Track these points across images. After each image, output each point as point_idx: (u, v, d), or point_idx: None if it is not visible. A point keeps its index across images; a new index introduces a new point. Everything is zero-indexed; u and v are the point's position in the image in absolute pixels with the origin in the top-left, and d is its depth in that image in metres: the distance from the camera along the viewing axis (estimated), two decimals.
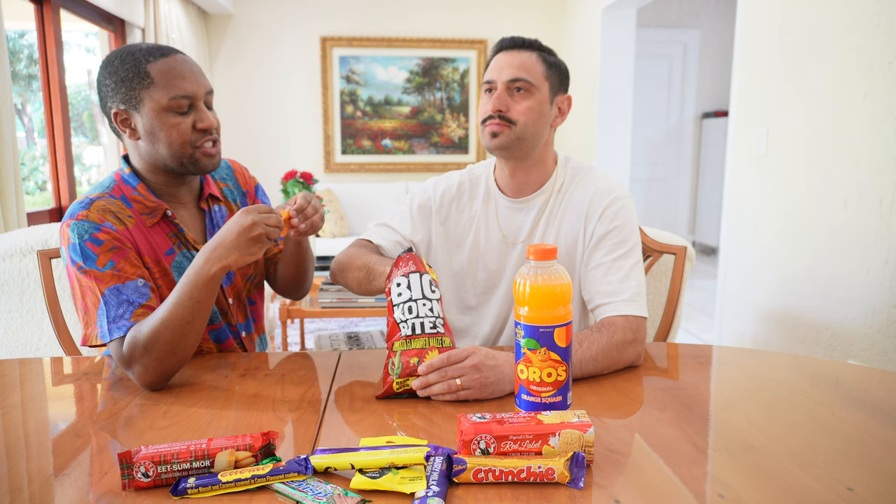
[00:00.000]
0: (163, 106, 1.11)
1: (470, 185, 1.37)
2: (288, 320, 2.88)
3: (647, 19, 5.46)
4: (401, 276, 1.02)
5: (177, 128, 1.13)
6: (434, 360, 0.97)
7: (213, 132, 1.17)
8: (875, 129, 2.17)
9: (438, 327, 1.00)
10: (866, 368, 1.16)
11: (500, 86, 1.21)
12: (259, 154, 5.03)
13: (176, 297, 1.04)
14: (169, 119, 1.12)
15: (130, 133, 1.16)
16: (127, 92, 1.12)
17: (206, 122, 1.15)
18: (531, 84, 1.21)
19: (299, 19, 5.09)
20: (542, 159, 1.29)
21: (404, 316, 1.00)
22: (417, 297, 1.00)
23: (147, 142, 1.15)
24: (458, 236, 1.35)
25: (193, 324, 1.04)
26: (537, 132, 1.23)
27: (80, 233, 1.09)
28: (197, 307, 1.04)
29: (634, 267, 1.21)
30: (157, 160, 1.17)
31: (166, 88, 1.11)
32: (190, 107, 1.14)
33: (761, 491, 0.72)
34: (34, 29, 2.97)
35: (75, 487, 0.75)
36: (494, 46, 1.27)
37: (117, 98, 1.13)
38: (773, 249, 2.73)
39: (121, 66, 1.11)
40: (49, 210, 3.04)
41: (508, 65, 1.21)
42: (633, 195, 5.41)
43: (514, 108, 1.21)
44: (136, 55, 1.12)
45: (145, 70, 1.11)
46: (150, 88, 1.11)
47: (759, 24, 2.83)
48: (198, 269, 1.03)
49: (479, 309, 1.37)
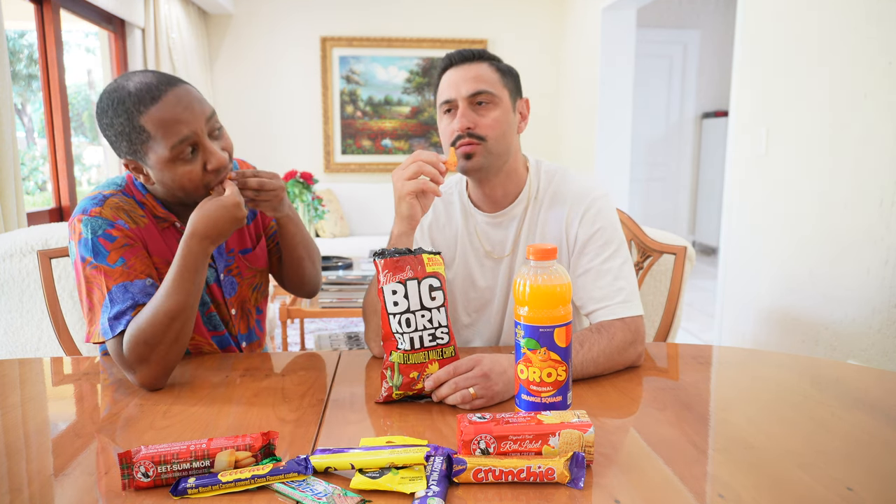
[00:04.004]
0: (167, 158, 1.06)
1: (443, 204, 1.34)
2: (288, 320, 2.88)
3: (647, 19, 5.46)
4: (396, 282, 0.94)
5: (188, 176, 1.09)
6: (440, 374, 0.95)
7: (226, 168, 1.13)
8: (875, 129, 2.17)
9: (439, 338, 0.96)
10: (866, 368, 1.16)
11: (462, 102, 1.17)
12: (259, 154, 5.02)
13: (176, 285, 1.05)
14: (177, 169, 1.08)
15: (145, 178, 1.13)
16: (129, 146, 1.08)
17: (216, 162, 1.09)
18: (493, 94, 1.17)
19: (299, 19, 5.09)
20: (514, 168, 1.25)
21: (401, 328, 0.94)
22: (415, 307, 0.94)
23: (161, 188, 1.13)
24: (445, 257, 1.31)
25: (194, 307, 1.07)
26: (507, 143, 1.20)
27: (93, 228, 1.09)
28: (196, 291, 1.07)
29: (623, 266, 1.20)
30: (173, 196, 1.15)
31: (165, 139, 1.05)
32: (194, 146, 1.08)
33: (761, 491, 0.72)
34: (34, 29, 2.97)
35: (75, 487, 0.75)
36: (441, 64, 1.21)
37: (122, 150, 1.09)
38: (773, 249, 2.73)
39: (115, 119, 1.06)
40: (49, 210, 3.04)
41: (464, 79, 1.17)
42: (631, 193, 5.42)
43: (480, 122, 1.16)
44: (127, 104, 1.05)
45: (139, 124, 1.05)
46: (150, 142, 1.06)
47: (759, 24, 2.83)
48: (189, 254, 1.06)
49: (472, 326, 1.36)
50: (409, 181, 1.09)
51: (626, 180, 4.62)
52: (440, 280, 0.96)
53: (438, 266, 0.97)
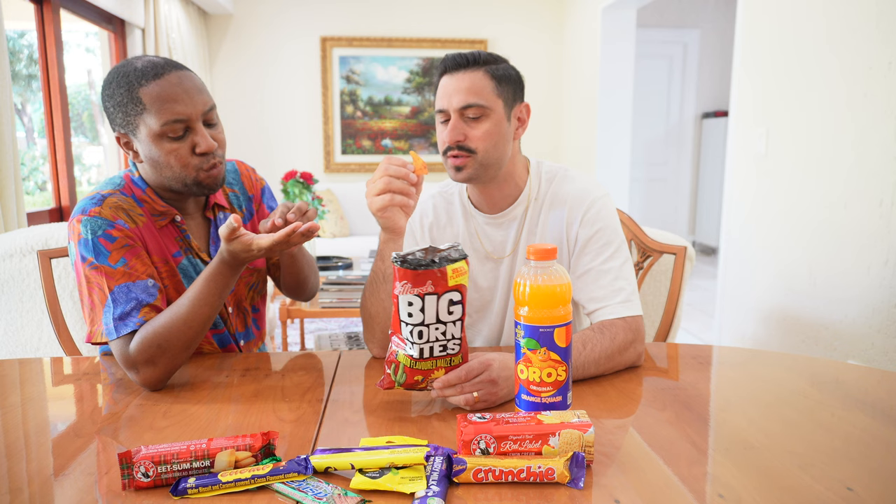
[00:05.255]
0: (156, 132, 1.08)
1: (445, 204, 1.35)
2: (288, 320, 2.88)
3: (647, 19, 5.46)
4: (415, 295, 0.89)
5: (174, 153, 1.10)
6: (451, 378, 0.94)
7: (214, 155, 1.14)
8: (875, 129, 2.17)
9: (450, 349, 0.94)
10: (866, 368, 1.16)
11: (453, 114, 1.16)
12: (259, 154, 5.02)
13: (200, 295, 1.07)
14: (165, 145, 1.09)
15: (134, 155, 1.15)
16: (124, 117, 1.10)
17: (205, 146, 1.11)
18: (483, 107, 1.15)
19: (299, 19, 5.09)
20: (512, 172, 1.25)
21: (413, 338, 0.91)
22: (431, 321, 0.90)
23: (149, 166, 1.14)
24: None
25: (211, 318, 1.09)
26: (500, 154, 1.20)
27: (93, 228, 1.09)
28: (217, 303, 1.09)
29: (623, 266, 1.20)
30: (161, 182, 1.16)
31: (158, 114, 1.07)
32: (187, 129, 1.10)
33: (761, 491, 0.72)
34: (34, 29, 2.97)
35: (75, 487, 0.75)
36: (438, 67, 1.20)
37: (116, 122, 1.12)
38: (773, 249, 2.74)
39: (116, 90, 1.09)
40: (49, 210, 3.04)
41: (456, 90, 1.16)
42: (631, 193, 5.42)
43: (470, 135, 1.16)
44: (130, 77, 1.08)
45: (137, 95, 1.07)
46: (143, 114, 1.08)
47: (759, 24, 2.83)
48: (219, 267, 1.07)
49: (473, 327, 1.37)
50: (377, 197, 1.07)
51: (626, 180, 4.62)
52: (461, 293, 0.91)
53: (462, 277, 0.91)
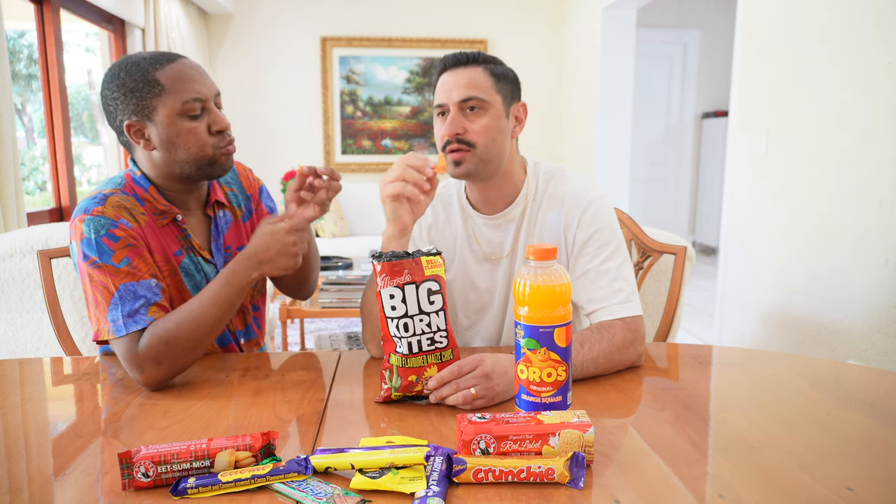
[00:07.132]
0: (176, 111, 1.11)
1: (442, 205, 1.35)
2: (288, 320, 2.88)
3: (647, 19, 5.46)
4: (394, 286, 0.93)
5: (193, 132, 1.13)
6: (444, 374, 0.95)
7: (228, 133, 1.18)
8: (875, 129, 2.17)
9: (438, 342, 0.96)
10: (866, 368, 1.16)
11: (453, 108, 1.17)
12: (259, 154, 5.03)
13: (211, 297, 1.09)
14: (184, 125, 1.12)
15: (145, 144, 1.15)
16: (138, 102, 1.11)
17: (222, 124, 1.15)
18: (483, 100, 1.16)
19: (299, 19, 5.09)
20: (510, 171, 1.25)
21: (399, 333, 0.94)
22: (413, 312, 0.93)
23: (163, 150, 1.14)
24: (444, 259, 1.32)
25: (222, 322, 1.11)
26: (499, 149, 1.20)
27: (96, 228, 1.09)
28: (230, 308, 1.11)
29: (622, 266, 1.20)
30: (172, 168, 1.16)
31: (178, 93, 1.10)
32: (202, 110, 1.13)
33: (761, 491, 0.72)
34: (34, 29, 2.97)
35: (75, 487, 0.75)
36: (438, 66, 1.22)
37: (128, 110, 1.12)
38: (773, 249, 2.74)
39: (128, 78, 1.10)
40: (49, 210, 3.04)
41: (456, 85, 1.17)
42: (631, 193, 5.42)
43: (470, 128, 1.17)
44: (142, 64, 1.10)
45: (154, 78, 1.10)
46: (162, 95, 1.10)
47: (759, 24, 2.83)
48: (236, 273, 1.11)
49: (472, 328, 1.36)
50: (389, 184, 1.09)
51: (626, 180, 4.62)
52: (439, 283, 0.95)
53: (438, 268, 0.96)
